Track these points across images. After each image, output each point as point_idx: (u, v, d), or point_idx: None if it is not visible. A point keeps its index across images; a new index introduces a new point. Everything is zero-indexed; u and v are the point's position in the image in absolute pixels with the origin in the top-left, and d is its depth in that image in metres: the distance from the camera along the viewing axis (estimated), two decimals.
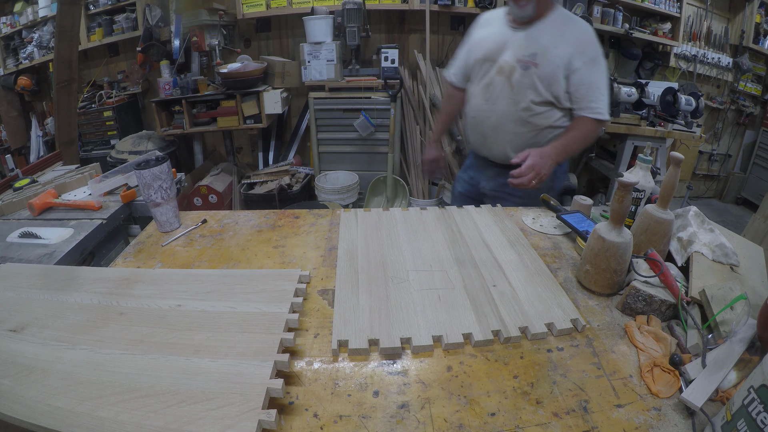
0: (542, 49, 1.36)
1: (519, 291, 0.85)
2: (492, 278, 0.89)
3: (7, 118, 3.81)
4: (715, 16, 3.73)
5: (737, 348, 0.67)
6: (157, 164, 1.05)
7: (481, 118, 1.52)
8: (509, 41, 1.42)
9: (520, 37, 1.40)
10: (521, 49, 1.39)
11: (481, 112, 1.52)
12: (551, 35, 1.37)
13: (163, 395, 0.58)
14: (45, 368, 0.63)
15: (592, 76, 1.37)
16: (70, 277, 0.86)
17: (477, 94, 1.53)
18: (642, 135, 2.67)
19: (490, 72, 1.46)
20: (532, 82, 1.38)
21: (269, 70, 3.09)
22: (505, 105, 1.45)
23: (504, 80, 1.43)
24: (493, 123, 1.49)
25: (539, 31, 1.39)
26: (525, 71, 1.38)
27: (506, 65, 1.42)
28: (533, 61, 1.37)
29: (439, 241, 1.03)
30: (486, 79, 1.48)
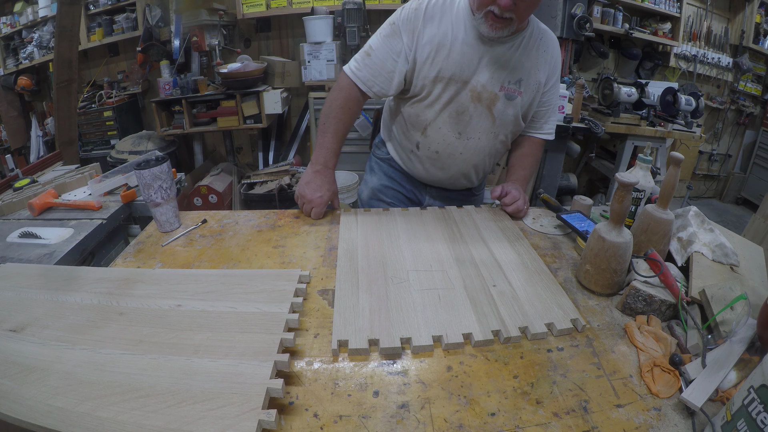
0: (526, 74, 1.17)
1: (519, 291, 0.85)
2: (492, 278, 0.89)
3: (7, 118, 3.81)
4: (715, 16, 3.73)
5: (737, 348, 0.67)
6: (157, 164, 1.05)
7: (449, 153, 1.25)
8: (483, 58, 1.13)
9: (498, 55, 1.13)
10: (504, 74, 1.14)
11: (449, 147, 1.23)
12: (532, 55, 1.16)
13: (163, 395, 0.58)
14: (45, 368, 0.63)
15: (555, 97, 1.27)
16: (70, 277, 0.86)
17: (441, 123, 1.20)
18: (642, 135, 2.68)
19: (460, 97, 1.16)
20: (516, 113, 1.20)
21: (269, 70, 3.10)
22: (484, 140, 1.23)
23: (483, 110, 1.17)
24: (464, 158, 1.26)
25: (521, 50, 1.15)
26: (510, 102, 1.17)
27: (485, 92, 1.15)
28: (518, 89, 1.17)
29: (439, 241, 1.03)
30: (454, 105, 1.17)
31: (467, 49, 1.12)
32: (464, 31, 1.12)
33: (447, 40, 1.12)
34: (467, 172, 1.32)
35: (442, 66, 1.13)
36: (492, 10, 1.03)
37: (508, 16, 1.03)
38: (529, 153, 1.32)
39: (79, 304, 0.78)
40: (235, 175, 3.36)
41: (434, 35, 1.12)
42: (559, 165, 2.65)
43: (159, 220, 1.10)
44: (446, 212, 1.19)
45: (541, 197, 1.30)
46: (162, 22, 3.29)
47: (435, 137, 1.23)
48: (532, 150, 1.32)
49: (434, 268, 0.92)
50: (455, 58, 1.12)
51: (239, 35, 3.42)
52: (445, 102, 1.17)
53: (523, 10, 1.03)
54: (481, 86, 1.15)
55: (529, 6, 1.04)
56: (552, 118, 1.30)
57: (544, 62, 1.18)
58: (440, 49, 1.12)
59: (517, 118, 1.22)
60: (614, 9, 3.37)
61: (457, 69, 1.13)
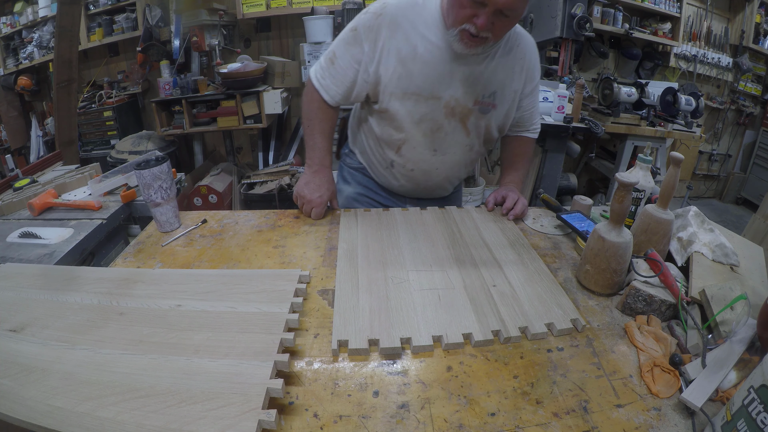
0: (500, 86, 1.12)
1: (519, 291, 0.85)
2: (492, 278, 0.89)
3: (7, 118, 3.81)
4: (715, 16, 3.73)
5: (737, 348, 0.67)
6: (157, 164, 1.05)
7: (424, 169, 1.22)
8: (456, 72, 1.07)
9: (472, 68, 1.07)
10: (478, 87, 1.09)
11: (425, 164, 1.20)
12: (507, 65, 1.11)
13: (163, 395, 0.58)
14: (45, 368, 0.63)
15: (536, 99, 1.25)
16: (70, 277, 0.86)
17: (416, 142, 1.15)
18: (642, 135, 2.68)
19: (433, 113, 1.10)
20: (489, 124, 1.17)
21: (269, 70, 3.09)
22: (459, 154, 1.20)
23: (457, 124, 1.13)
24: (439, 173, 1.23)
25: (495, 61, 1.09)
26: (484, 115, 1.14)
27: (459, 107, 1.10)
28: (492, 102, 1.13)
29: (439, 241, 1.03)
30: (429, 122, 1.12)
31: (439, 63, 1.05)
32: (435, 43, 1.04)
33: (416, 53, 1.04)
34: (443, 185, 1.31)
35: (412, 81, 1.06)
36: (467, 29, 0.96)
37: (485, 35, 0.97)
38: (520, 152, 1.31)
39: (79, 304, 0.78)
40: (235, 175, 3.36)
41: (400, 48, 1.04)
42: (559, 165, 2.64)
43: (159, 220, 1.10)
44: (446, 212, 1.19)
45: (541, 197, 1.30)
46: (162, 22, 3.29)
47: (410, 156, 1.19)
48: (523, 149, 1.31)
49: (434, 268, 0.92)
50: (426, 72, 1.05)
51: (239, 35, 3.42)
52: (419, 119, 1.11)
53: (500, 29, 0.98)
54: (455, 101, 1.09)
55: (506, 25, 0.99)
56: (537, 117, 1.29)
57: (520, 69, 1.14)
58: (408, 63, 1.05)
59: (490, 130, 1.18)
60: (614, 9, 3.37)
61: (428, 84, 1.07)
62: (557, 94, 2.43)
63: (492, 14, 0.93)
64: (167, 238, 1.08)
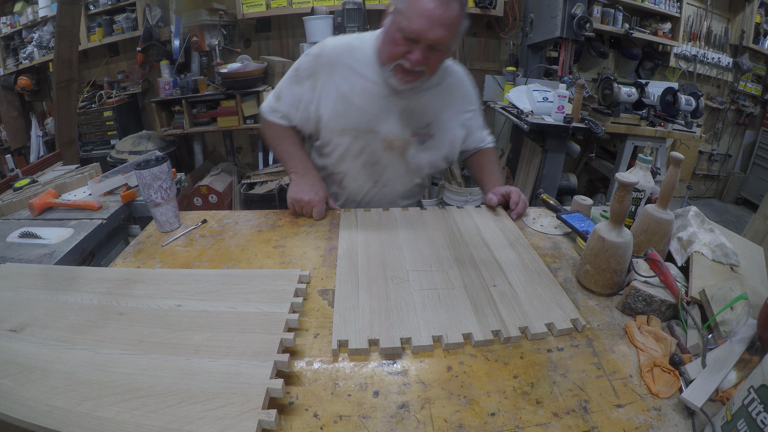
0: (435, 116, 1.18)
1: (519, 291, 0.85)
2: (492, 278, 0.89)
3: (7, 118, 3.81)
4: (715, 16, 3.73)
5: (737, 348, 0.67)
6: (157, 164, 1.05)
7: (368, 200, 1.29)
8: (392, 107, 1.13)
9: (407, 102, 1.14)
10: (414, 119, 1.15)
11: (368, 195, 1.28)
12: (440, 96, 1.17)
13: (163, 395, 0.58)
14: (45, 368, 0.63)
15: (480, 119, 1.33)
16: (70, 277, 0.86)
17: (356, 174, 1.23)
18: (642, 135, 2.67)
19: (371, 147, 1.17)
20: (430, 157, 1.23)
21: (269, 70, 3.09)
22: (399, 185, 1.27)
23: (396, 158, 1.19)
24: (382, 202, 1.30)
25: (429, 94, 1.15)
26: (421, 145, 1.19)
27: (397, 140, 1.16)
28: (429, 132, 1.18)
29: (439, 241, 1.03)
30: (367, 155, 1.18)
31: (376, 99, 1.11)
32: (372, 80, 1.11)
33: (354, 91, 1.11)
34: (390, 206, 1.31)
35: (350, 118, 1.13)
36: (402, 64, 1.02)
37: (420, 69, 1.03)
38: (487, 161, 1.34)
39: (79, 304, 0.78)
40: (235, 175, 3.36)
41: (338, 86, 1.11)
42: (559, 165, 2.64)
43: (159, 220, 1.10)
44: (446, 212, 1.19)
45: (541, 197, 1.30)
46: (162, 22, 3.29)
47: (352, 187, 1.26)
48: (488, 158, 1.35)
49: (434, 268, 0.92)
50: (364, 108, 1.12)
51: (239, 35, 3.42)
52: (357, 153, 1.18)
53: (433, 64, 1.04)
54: (393, 135, 1.15)
55: (438, 60, 1.05)
56: (485, 131, 1.35)
57: (455, 99, 1.21)
58: (346, 99, 1.11)
59: (432, 161, 1.24)
60: (614, 9, 3.37)
61: (366, 120, 1.13)
62: (557, 94, 2.43)
63: (425, 50, 1.00)
64: (167, 238, 1.08)
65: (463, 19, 1.02)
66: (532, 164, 2.82)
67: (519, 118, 2.53)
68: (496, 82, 3.06)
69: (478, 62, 3.54)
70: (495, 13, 3.18)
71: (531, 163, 2.85)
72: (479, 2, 3.11)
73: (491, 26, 3.44)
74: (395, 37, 1.01)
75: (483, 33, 3.47)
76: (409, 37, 0.99)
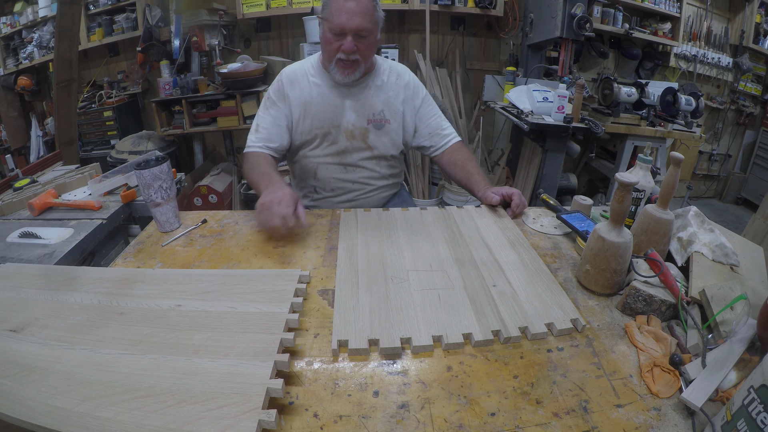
0: (386, 103, 1.35)
1: (519, 291, 0.85)
2: (492, 278, 0.89)
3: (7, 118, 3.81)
4: (715, 16, 3.73)
5: (737, 348, 0.67)
6: (157, 164, 1.05)
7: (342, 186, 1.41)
8: (346, 101, 1.32)
9: (357, 96, 1.32)
10: (366, 109, 1.33)
11: (341, 182, 1.40)
12: (386, 87, 1.35)
13: (163, 395, 0.58)
14: (45, 368, 0.63)
15: (434, 109, 1.43)
16: (70, 277, 0.86)
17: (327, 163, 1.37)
18: (642, 135, 2.67)
19: (336, 138, 1.34)
20: (391, 138, 1.38)
21: (269, 70, 3.09)
22: (368, 169, 1.40)
23: (359, 143, 1.35)
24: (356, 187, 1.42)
25: (374, 88, 1.33)
26: (380, 130, 1.36)
27: (356, 129, 1.33)
28: (384, 117, 1.35)
29: (439, 241, 1.03)
30: (334, 146, 1.35)
31: (330, 99, 1.32)
32: (324, 85, 1.32)
33: (312, 96, 1.32)
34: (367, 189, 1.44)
35: (314, 117, 1.32)
36: (340, 57, 1.21)
37: (354, 58, 1.21)
38: (465, 158, 1.41)
39: (79, 304, 0.78)
40: (235, 175, 3.36)
41: (299, 96, 1.32)
42: (559, 165, 2.64)
43: (159, 220, 1.10)
44: (446, 212, 1.19)
45: (541, 197, 1.30)
46: (162, 22, 3.29)
47: (325, 176, 1.40)
48: (465, 155, 1.43)
49: (434, 268, 0.92)
50: (323, 108, 1.32)
51: (239, 35, 3.42)
52: (325, 145, 1.35)
53: (364, 51, 1.22)
54: (351, 125, 1.34)
55: (367, 47, 1.23)
56: (445, 123, 1.46)
57: (399, 87, 1.37)
58: (308, 105, 1.32)
59: (394, 142, 1.40)
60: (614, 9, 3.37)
61: (327, 117, 1.32)
62: (557, 94, 2.43)
63: (353, 38, 1.19)
64: (167, 238, 1.08)
65: (376, 7, 1.22)
66: (532, 164, 2.82)
67: (519, 118, 2.53)
68: (496, 82, 3.06)
69: (478, 62, 3.53)
70: (495, 13, 3.18)
71: (531, 163, 2.85)
72: (479, 2, 3.10)
73: (491, 26, 3.44)
74: (327, 37, 1.22)
75: (483, 33, 3.47)
76: (336, 32, 1.19)
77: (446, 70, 3.31)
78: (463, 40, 3.45)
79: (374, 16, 1.21)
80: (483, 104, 3.19)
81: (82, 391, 0.59)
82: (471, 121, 3.40)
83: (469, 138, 3.30)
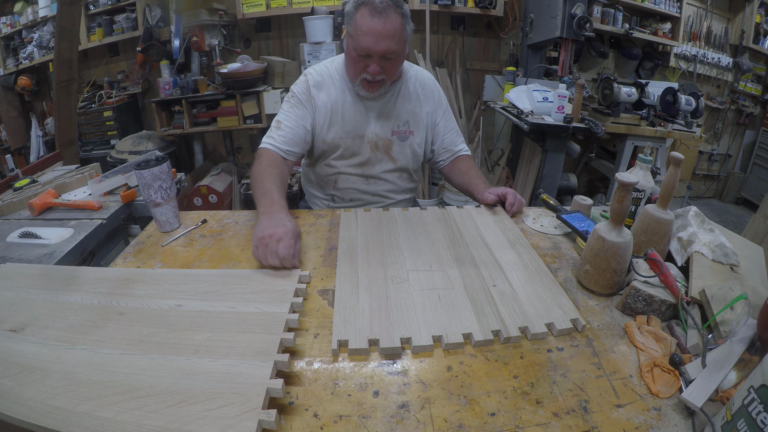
0: (412, 114, 1.33)
1: (519, 291, 0.85)
2: (492, 278, 0.89)
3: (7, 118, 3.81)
4: (715, 16, 3.73)
5: (737, 348, 0.67)
6: (157, 164, 1.05)
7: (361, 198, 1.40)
8: (371, 112, 1.29)
9: (382, 106, 1.30)
10: (392, 120, 1.31)
11: (361, 194, 1.39)
12: (413, 97, 1.32)
13: (163, 395, 0.58)
14: (45, 368, 0.63)
15: (453, 123, 1.43)
16: (70, 277, 0.86)
17: (348, 174, 1.36)
18: (642, 135, 2.67)
19: (360, 148, 1.32)
20: (413, 150, 1.36)
21: (269, 70, 3.09)
22: (390, 180, 1.39)
23: (382, 155, 1.34)
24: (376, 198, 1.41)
25: (401, 97, 1.31)
26: (404, 142, 1.34)
27: (380, 140, 1.31)
28: (409, 129, 1.33)
29: (438, 241, 1.03)
30: (357, 157, 1.33)
31: (356, 108, 1.28)
32: (349, 93, 1.28)
33: (338, 104, 1.28)
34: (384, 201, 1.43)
35: (339, 126, 1.29)
36: (365, 77, 1.19)
37: (380, 78, 1.19)
38: (466, 167, 1.41)
39: (79, 304, 0.78)
40: (235, 175, 3.36)
41: (326, 102, 1.28)
42: (559, 165, 2.64)
43: (159, 220, 1.10)
44: (446, 212, 1.19)
45: (541, 197, 1.30)
46: (162, 22, 3.29)
47: (346, 187, 1.38)
48: (467, 163, 1.42)
49: (434, 268, 0.92)
50: (348, 117, 1.29)
51: (239, 35, 3.42)
52: (348, 155, 1.32)
53: (390, 70, 1.20)
54: (375, 136, 1.31)
55: (394, 66, 1.20)
56: (460, 139, 1.46)
57: (425, 99, 1.35)
58: (334, 112, 1.28)
59: (416, 154, 1.38)
60: (614, 9, 3.37)
61: (352, 126, 1.29)
62: (557, 94, 2.43)
63: (378, 60, 1.16)
64: (167, 238, 1.08)
65: (405, 25, 1.16)
66: (532, 164, 2.82)
67: (519, 118, 2.53)
68: (496, 82, 3.06)
69: (478, 62, 3.53)
70: (495, 13, 3.18)
71: (531, 163, 2.85)
72: (479, 2, 3.10)
73: (491, 26, 3.44)
74: (353, 56, 1.18)
75: (483, 33, 3.47)
76: (362, 54, 1.15)
77: (446, 70, 3.31)
78: (463, 40, 3.45)
79: (402, 35, 1.15)
80: (483, 104, 3.19)
81: (82, 391, 0.59)
82: (471, 121, 3.40)
83: (469, 138, 3.30)
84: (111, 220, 1.21)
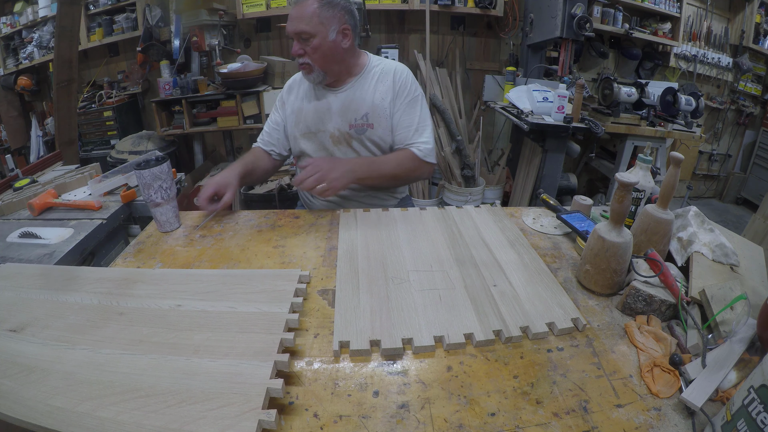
0: (371, 107, 1.31)
1: (519, 291, 0.85)
2: (492, 278, 0.89)
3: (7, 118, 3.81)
4: (715, 16, 3.73)
5: (737, 348, 0.67)
6: (157, 164, 1.05)
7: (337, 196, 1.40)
8: (331, 106, 1.32)
9: (341, 100, 1.31)
10: (350, 113, 1.31)
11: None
12: (372, 88, 1.31)
13: (163, 395, 0.58)
14: (45, 368, 0.63)
15: (412, 119, 1.33)
16: (70, 277, 0.86)
17: None
18: (642, 135, 2.67)
19: (324, 143, 1.35)
20: (375, 142, 1.34)
21: (269, 70, 3.09)
22: None
23: (346, 149, 1.35)
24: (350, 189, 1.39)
25: (357, 89, 1.31)
26: (362, 135, 1.33)
27: (340, 134, 1.33)
28: (367, 122, 1.32)
29: (439, 241, 1.03)
30: (323, 152, 1.37)
31: (317, 104, 1.34)
32: (311, 91, 1.36)
33: (303, 103, 1.37)
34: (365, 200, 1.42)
35: (304, 124, 1.36)
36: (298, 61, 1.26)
37: (303, 61, 1.24)
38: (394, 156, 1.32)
39: (79, 304, 0.78)
40: None
41: (293, 102, 1.39)
42: (559, 165, 2.64)
43: (159, 220, 1.10)
44: (446, 212, 1.19)
45: (541, 197, 1.30)
46: (162, 22, 3.29)
47: None
48: (398, 155, 1.32)
49: (434, 269, 0.92)
50: (311, 114, 1.35)
51: (239, 35, 3.42)
52: (315, 150, 1.38)
53: (312, 54, 1.22)
54: (336, 129, 1.34)
55: (316, 50, 1.22)
56: (424, 133, 1.34)
57: (384, 89, 1.32)
58: (299, 112, 1.37)
59: (379, 147, 1.36)
60: (614, 9, 3.37)
61: (313, 122, 1.35)
62: (557, 94, 2.43)
63: (297, 42, 1.22)
64: (167, 238, 1.08)
65: (321, 8, 1.19)
66: (532, 164, 2.82)
67: (519, 118, 2.53)
68: (496, 82, 3.06)
69: (478, 62, 3.53)
70: (495, 13, 3.18)
71: (531, 163, 2.85)
72: (479, 2, 3.10)
73: (491, 26, 3.44)
74: None
75: (483, 33, 3.47)
76: (289, 38, 1.28)
77: (446, 70, 3.31)
78: (463, 40, 3.45)
79: (316, 18, 1.18)
80: (483, 104, 3.19)
81: (81, 391, 0.59)
82: (471, 121, 3.40)
83: (469, 138, 3.30)
84: (111, 220, 1.21)
